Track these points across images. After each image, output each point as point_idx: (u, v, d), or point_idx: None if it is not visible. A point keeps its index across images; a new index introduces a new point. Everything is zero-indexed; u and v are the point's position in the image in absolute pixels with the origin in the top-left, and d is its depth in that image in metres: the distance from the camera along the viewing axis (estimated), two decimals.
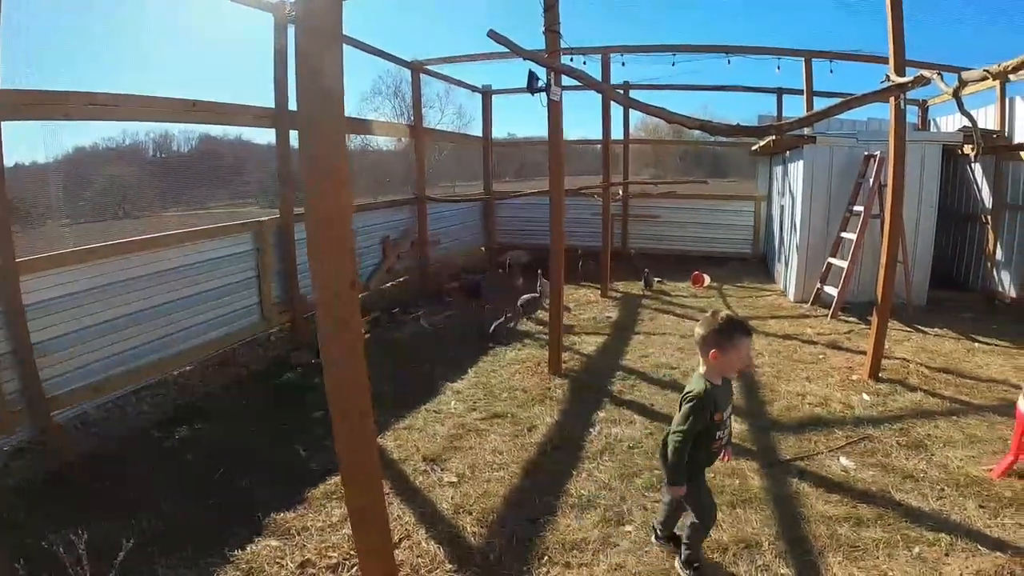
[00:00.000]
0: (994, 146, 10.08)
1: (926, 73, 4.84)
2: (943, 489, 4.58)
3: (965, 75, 4.58)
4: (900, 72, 6.00)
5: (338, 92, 2.68)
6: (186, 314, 6.63)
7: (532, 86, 6.36)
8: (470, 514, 4.28)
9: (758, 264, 14.25)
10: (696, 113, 5.57)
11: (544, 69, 6.28)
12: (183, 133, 9.24)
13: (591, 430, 5.64)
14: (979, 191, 10.84)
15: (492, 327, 8.78)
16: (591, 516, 4.26)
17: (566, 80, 6.14)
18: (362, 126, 11.93)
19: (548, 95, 6.48)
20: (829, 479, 4.80)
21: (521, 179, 19.78)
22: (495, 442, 5.39)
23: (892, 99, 6.37)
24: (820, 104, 10.86)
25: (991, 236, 10.30)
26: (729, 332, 3.33)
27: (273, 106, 7.79)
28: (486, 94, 15.29)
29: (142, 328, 6.16)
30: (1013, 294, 9.73)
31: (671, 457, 3.33)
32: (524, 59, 5.45)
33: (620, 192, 14.30)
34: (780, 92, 13.41)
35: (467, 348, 8.18)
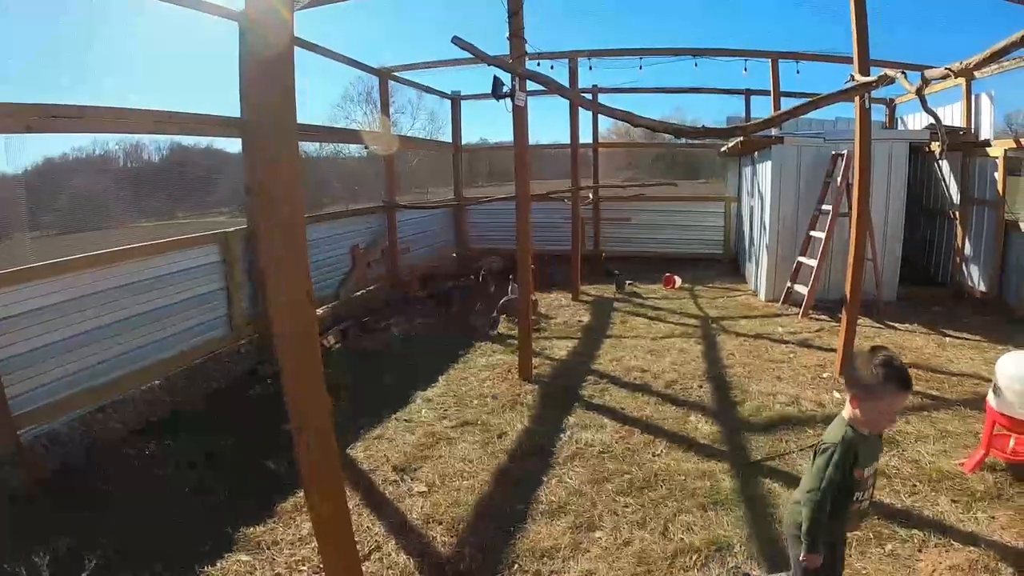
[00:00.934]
0: (960, 143, 10.15)
1: (890, 72, 4.78)
2: (915, 485, 4.54)
3: (928, 73, 4.54)
4: (864, 72, 5.99)
5: (289, 100, 2.60)
6: (154, 328, 6.50)
7: (497, 92, 6.31)
8: (440, 524, 4.23)
9: (729, 264, 14.20)
10: (669, 115, 5.61)
11: (509, 75, 6.24)
12: (154, 143, 9.09)
13: (561, 435, 5.58)
14: (947, 187, 10.90)
15: (489, 327, 9.16)
16: (562, 523, 4.20)
17: (537, 85, 6.07)
18: (332, 135, 11.84)
19: (513, 100, 6.45)
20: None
21: (495, 183, 19.72)
22: (465, 450, 5.33)
23: (857, 98, 6.34)
24: (787, 105, 10.83)
25: (959, 231, 10.37)
26: (883, 380, 2.61)
27: (240, 115, 7.63)
28: (455, 100, 15.27)
29: (109, 343, 6.03)
30: (982, 288, 9.77)
31: (806, 521, 2.75)
32: (489, 65, 5.41)
33: (591, 196, 14.25)
34: (748, 93, 13.47)
35: (438, 355, 8.05)
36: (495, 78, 6.25)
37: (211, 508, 4.52)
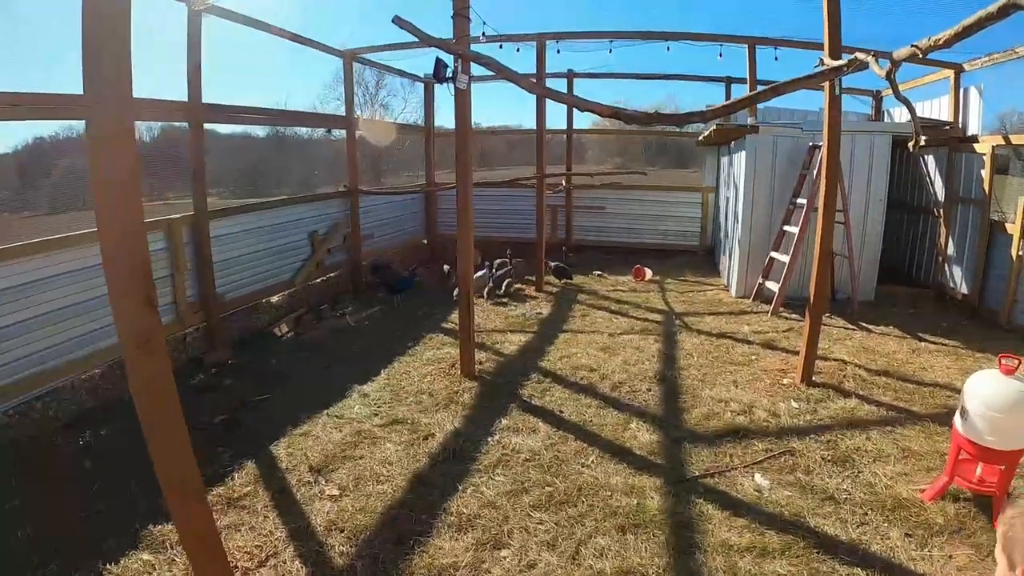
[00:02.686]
0: (947, 138, 9.63)
1: (861, 55, 4.42)
2: (866, 514, 4.03)
3: (896, 54, 4.11)
4: (836, 56, 5.56)
5: (124, 80, 2.39)
6: (97, 315, 6.25)
7: (440, 75, 5.99)
8: (342, 531, 3.97)
9: (705, 257, 13.64)
10: (661, 103, 5.22)
11: (452, 56, 5.89)
12: (144, 122, 8.71)
13: (489, 439, 5.22)
14: (932, 184, 10.39)
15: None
16: (467, 538, 3.88)
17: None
18: (295, 118, 11.35)
19: (455, 84, 6.08)
20: (739, 500, 4.25)
21: (485, 168, 19.25)
22: (388, 451, 5.01)
23: (827, 84, 5.89)
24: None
25: (943, 230, 9.85)
26: None
27: (187, 99, 7.44)
28: (428, 83, 14.67)
29: (51, 330, 5.84)
30: (964, 290, 9.25)
31: None
32: (430, 46, 5.16)
33: (564, 183, 13.69)
34: (729, 81, 12.91)
35: (387, 346, 7.75)
36: (438, 60, 5.95)
37: (126, 503, 4.30)
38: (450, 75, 6.00)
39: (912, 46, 3.88)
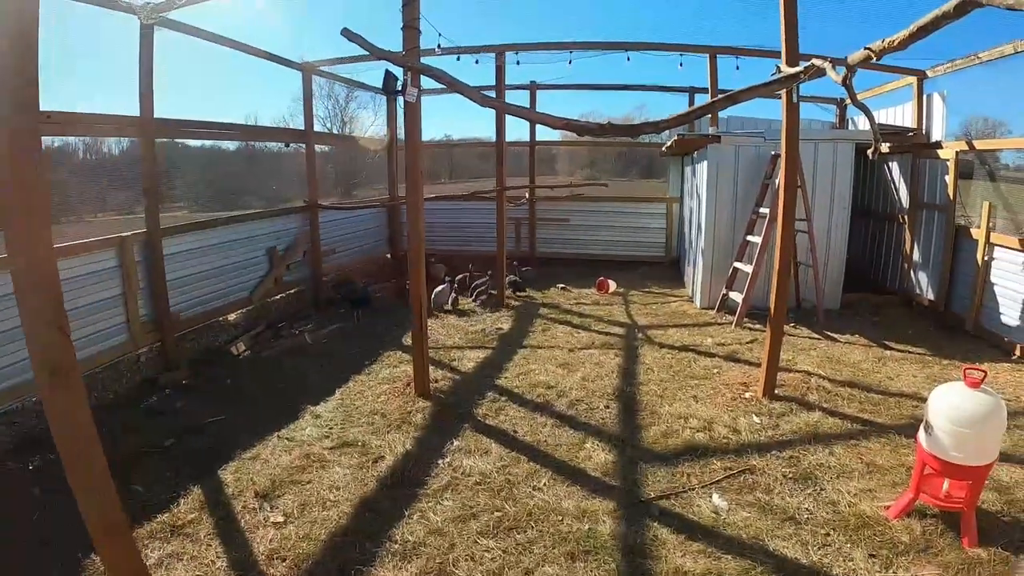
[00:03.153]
0: (910, 144, 9.57)
1: (817, 61, 4.38)
2: (828, 534, 3.82)
3: (851, 58, 4.00)
4: (793, 63, 5.42)
5: (29, 90, 2.26)
6: None
7: (389, 88, 5.70)
8: (283, 561, 3.80)
9: (670, 268, 13.44)
10: (632, 113, 5.11)
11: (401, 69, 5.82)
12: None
13: (440, 462, 5.00)
14: (896, 190, 10.33)
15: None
16: (410, 567, 3.70)
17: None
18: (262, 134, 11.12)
19: (404, 97, 5.93)
20: (695, 523, 4.03)
21: (454, 180, 19.07)
22: (336, 475, 4.81)
23: (784, 93, 5.75)
24: None
25: (908, 236, 9.78)
26: None
27: (139, 114, 7.26)
28: (390, 95, 14.44)
29: (1, 351, 5.69)
30: (930, 296, 9.15)
31: None
32: (379, 59, 5.13)
33: (527, 195, 13.48)
34: (692, 91, 12.83)
35: (343, 365, 7.55)
36: (387, 72, 5.69)
37: (68, 530, 4.06)
38: (400, 88, 5.83)
39: (866, 49, 3.73)
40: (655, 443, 5.18)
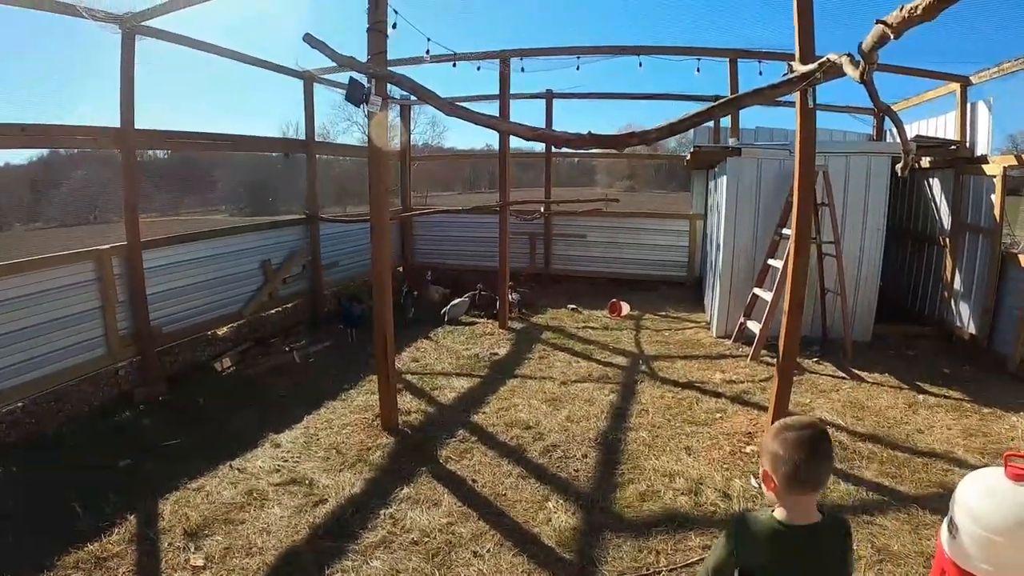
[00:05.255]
0: (952, 158, 8.65)
1: (833, 56, 3.80)
2: None
3: (864, 43, 3.25)
4: (807, 61, 4.68)
5: None
6: (17, 348, 6.11)
7: (355, 96, 5.37)
8: None
9: (691, 290, 12.56)
10: (659, 123, 4.51)
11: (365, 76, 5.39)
12: None
13: (383, 511, 4.49)
14: (937, 210, 9.38)
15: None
16: None
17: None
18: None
19: (367, 105, 5.45)
20: None
21: (474, 190, 18.68)
22: (272, 517, 4.44)
23: (798, 95, 4.98)
24: (750, 112, 9.46)
25: (949, 261, 8.83)
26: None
27: (119, 125, 7.12)
28: (404, 105, 13.92)
29: None
30: (972, 330, 8.20)
31: None
32: (340, 65, 5.12)
33: (542, 210, 12.80)
34: (716, 99, 11.99)
35: (321, 388, 7.19)
36: (351, 81, 5.35)
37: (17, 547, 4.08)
38: (364, 96, 5.39)
39: (879, 23, 2.98)
40: (628, 507, 4.44)
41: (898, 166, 3.92)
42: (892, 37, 2.91)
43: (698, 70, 9.27)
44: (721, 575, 2.08)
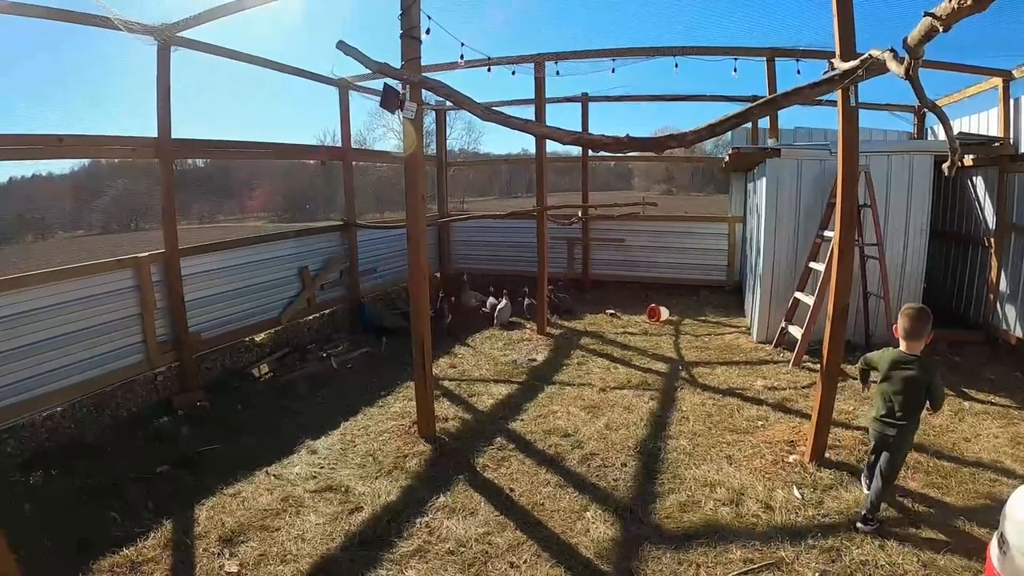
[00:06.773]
0: (996, 156, 8.43)
1: (876, 52, 3.64)
2: None
3: (910, 37, 3.15)
4: (848, 58, 4.55)
5: None
6: (58, 353, 6.17)
7: (390, 103, 5.44)
8: None
9: (731, 294, 12.37)
10: (695, 125, 4.47)
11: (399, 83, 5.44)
12: None
13: (419, 520, 4.47)
14: (981, 209, 9.15)
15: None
16: None
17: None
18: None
19: (402, 112, 5.48)
20: None
21: (527, 195, 18.77)
22: (308, 524, 4.44)
23: (840, 93, 4.85)
24: (788, 113, 9.31)
25: (994, 263, 8.61)
26: None
27: (156, 135, 7.22)
28: (439, 111, 13.99)
29: (9, 368, 5.73)
30: (1019, 334, 8.00)
31: None
32: (375, 72, 5.13)
33: (579, 214, 12.76)
34: (754, 100, 11.83)
35: (359, 394, 7.23)
36: (385, 87, 5.38)
37: (31, 558, 3.93)
38: (401, 102, 5.42)
39: (927, 15, 2.89)
40: (668, 517, 4.39)
41: (944, 165, 3.81)
42: (941, 30, 2.82)
43: (735, 70, 9.14)
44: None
